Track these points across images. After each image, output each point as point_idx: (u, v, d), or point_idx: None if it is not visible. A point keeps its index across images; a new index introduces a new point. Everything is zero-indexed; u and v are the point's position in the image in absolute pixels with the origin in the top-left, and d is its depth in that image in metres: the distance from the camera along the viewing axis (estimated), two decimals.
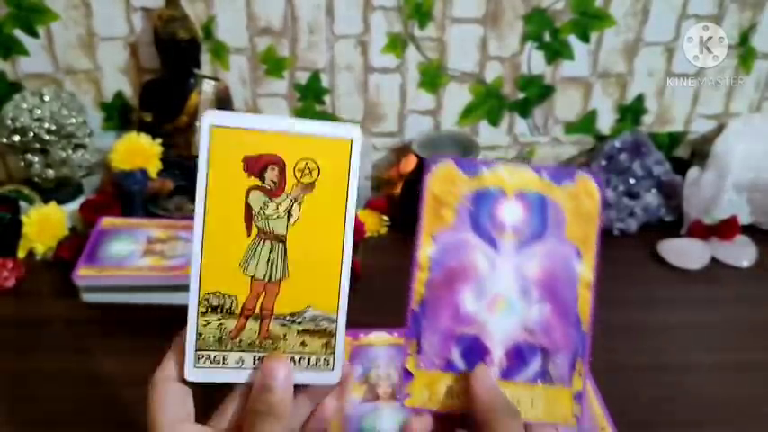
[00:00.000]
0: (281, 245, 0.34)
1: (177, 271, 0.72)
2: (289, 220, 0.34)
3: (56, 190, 0.87)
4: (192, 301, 0.34)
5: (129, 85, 0.89)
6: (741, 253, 0.85)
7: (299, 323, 0.35)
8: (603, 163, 0.90)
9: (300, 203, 0.34)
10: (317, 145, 0.34)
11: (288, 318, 0.35)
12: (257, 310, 0.34)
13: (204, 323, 0.34)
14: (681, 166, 0.93)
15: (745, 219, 0.89)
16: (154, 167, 0.85)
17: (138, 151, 0.85)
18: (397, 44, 0.87)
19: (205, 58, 0.87)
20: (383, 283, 0.60)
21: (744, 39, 0.90)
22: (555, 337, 0.36)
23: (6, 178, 0.94)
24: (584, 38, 0.88)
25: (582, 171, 0.37)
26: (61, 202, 0.85)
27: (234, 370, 0.35)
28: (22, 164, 0.85)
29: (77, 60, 0.87)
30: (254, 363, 0.35)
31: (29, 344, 0.68)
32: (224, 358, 0.35)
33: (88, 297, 0.73)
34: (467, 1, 0.85)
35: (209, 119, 0.33)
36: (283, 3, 0.84)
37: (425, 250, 0.36)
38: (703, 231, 0.87)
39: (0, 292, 0.74)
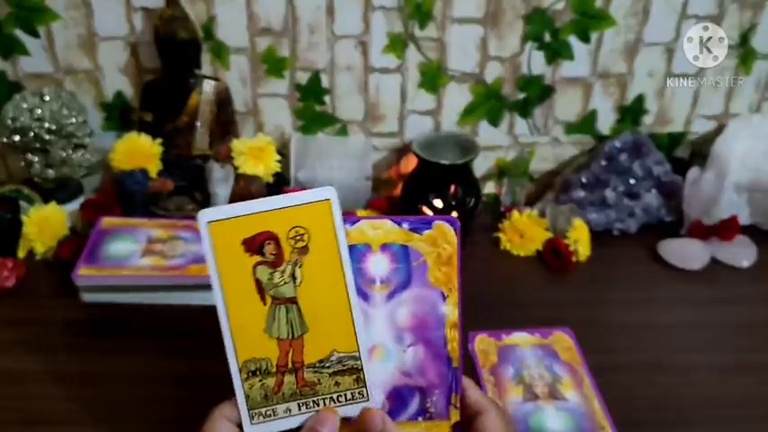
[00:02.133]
0: (294, 306, 0.39)
1: (177, 271, 0.72)
2: (294, 282, 0.39)
3: (56, 190, 0.87)
4: (233, 371, 0.39)
5: (129, 85, 0.89)
6: (741, 253, 0.85)
7: (329, 367, 0.39)
8: (603, 163, 0.90)
9: (300, 266, 0.39)
10: (300, 213, 0.38)
11: (317, 365, 0.39)
12: (290, 365, 0.39)
13: (249, 386, 0.39)
14: (681, 167, 0.93)
15: (745, 219, 0.89)
16: (154, 167, 0.85)
17: (139, 151, 0.85)
18: (397, 44, 0.87)
19: (205, 57, 0.87)
20: None
21: (744, 39, 0.90)
22: (429, 376, 0.39)
23: (6, 178, 0.94)
24: (585, 38, 0.88)
25: (439, 219, 0.40)
26: (61, 201, 0.85)
27: (284, 419, 0.39)
28: (23, 164, 0.85)
29: (78, 60, 0.87)
30: (299, 409, 0.39)
31: (29, 344, 0.68)
32: (273, 411, 0.39)
33: (88, 297, 0.73)
34: (467, 1, 0.85)
35: (204, 217, 0.38)
36: (284, 3, 0.84)
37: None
38: (703, 231, 0.87)
39: (0, 292, 0.74)
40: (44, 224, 0.80)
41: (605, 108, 0.95)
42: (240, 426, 0.39)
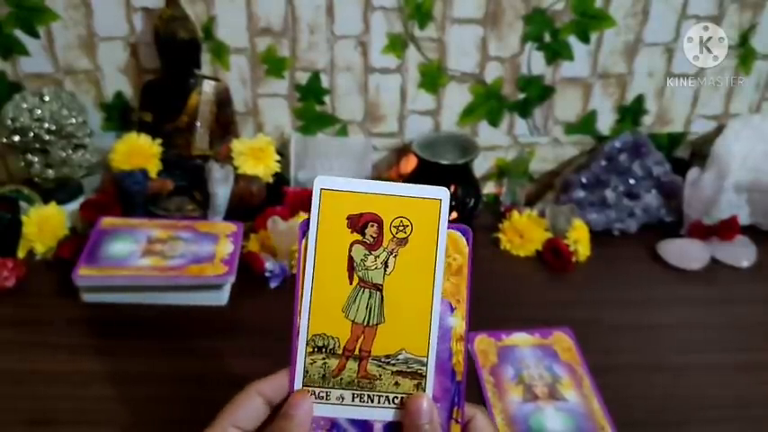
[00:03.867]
0: (378, 293, 0.38)
1: (177, 271, 0.72)
2: (385, 270, 0.38)
3: (56, 190, 0.87)
4: (301, 341, 0.38)
5: (129, 85, 0.89)
6: (741, 253, 0.85)
7: (393, 365, 0.38)
8: (603, 163, 0.90)
9: (396, 256, 0.38)
10: (410, 205, 0.38)
11: (383, 359, 0.38)
12: (357, 352, 0.38)
13: (311, 362, 0.38)
14: (681, 167, 0.93)
15: (745, 219, 0.89)
16: (154, 167, 0.85)
17: (138, 151, 0.85)
18: (397, 44, 0.87)
19: (205, 58, 0.87)
20: None
21: (743, 39, 0.90)
22: (433, 390, 0.38)
23: (6, 178, 0.94)
24: (585, 38, 0.88)
25: (451, 227, 0.39)
26: (61, 202, 0.85)
27: (335, 406, 0.38)
28: (23, 164, 0.85)
29: (77, 60, 0.87)
30: (352, 400, 0.38)
31: (29, 344, 0.68)
32: (327, 394, 0.38)
33: (88, 297, 0.73)
34: (467, 1, 0.85)
35: (320, 183, 0.38)
36: (283, 3, 0.84)
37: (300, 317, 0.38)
38: (703, 231, 0.87)
39: (0, 292, 0.74)
40: (44, 224, 0.80)
41: (605, 108, 0.95)
42: (274, 407, 0.38)
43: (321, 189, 0.38)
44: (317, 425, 0.38)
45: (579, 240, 0.84)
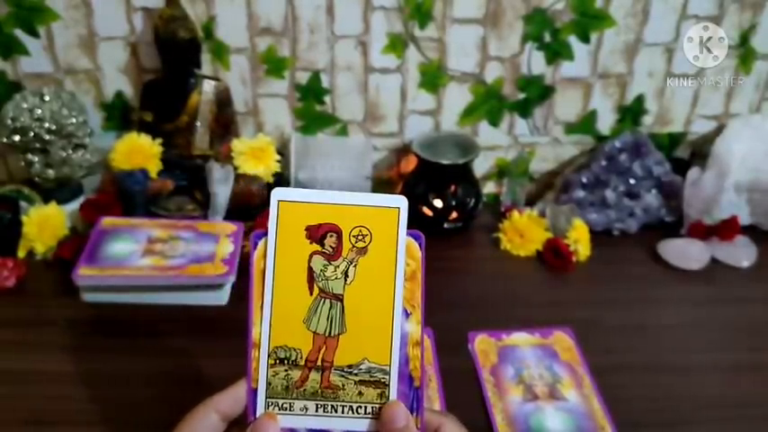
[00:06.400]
0: (339, 303, 0.38)
1: (177, 271, 0.72)
2: (345, 280, 0.38)
3: (56, 190, 0.87)
4: (262, 353, 0.38)
5: (129, 84, 0.89)
6: (741, 253, 0.85)
7: (356, 374, 0.38)
8: (604, 163, 0.90)
9: (356, 266, 0.38)
10: (368, 214, 0.38)
11: (346, 369, 0.38)
12: (319, 362, 0.38)
13: (273, 374, 0.38)
14: (681, 167, 0.93)
15: (745, 219, 0.89)
16: (154, 167, 0.85)
17: (139, 151, 0.85)
18: (397, 44, 0.87)
19: (205, 58, 0.87)
20: None
21: (743, 39, 0.90)
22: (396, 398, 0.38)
23: (6, 178, 0.94)
24: (585, 38, 0.88)
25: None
26: (61, 201, 0.85)
27: (298, 416, 0.38)
28: (23, 164, 0.85)
29: (78, 60, 0.87)
30: (316, 410, 0.38)
31: (29, 344, 0.68)
32: (290, 405, 0.38)
33: (88, 297, 0.73)
34: (467, 1, 0.85)
35: (277, 195, 0.38)
36: (284, 3, 0.84)
37: (259, 328, 0.38)
38: (703, 232, 0.87)
39: (0, 292, 0.74)
40: (44, 224, 0.80)
41: (605, 108, 0.95)
42: (233, 422, 0.38)
43: (279, 201, 0.38)
44: None
45: (579, 240, 0.84)
